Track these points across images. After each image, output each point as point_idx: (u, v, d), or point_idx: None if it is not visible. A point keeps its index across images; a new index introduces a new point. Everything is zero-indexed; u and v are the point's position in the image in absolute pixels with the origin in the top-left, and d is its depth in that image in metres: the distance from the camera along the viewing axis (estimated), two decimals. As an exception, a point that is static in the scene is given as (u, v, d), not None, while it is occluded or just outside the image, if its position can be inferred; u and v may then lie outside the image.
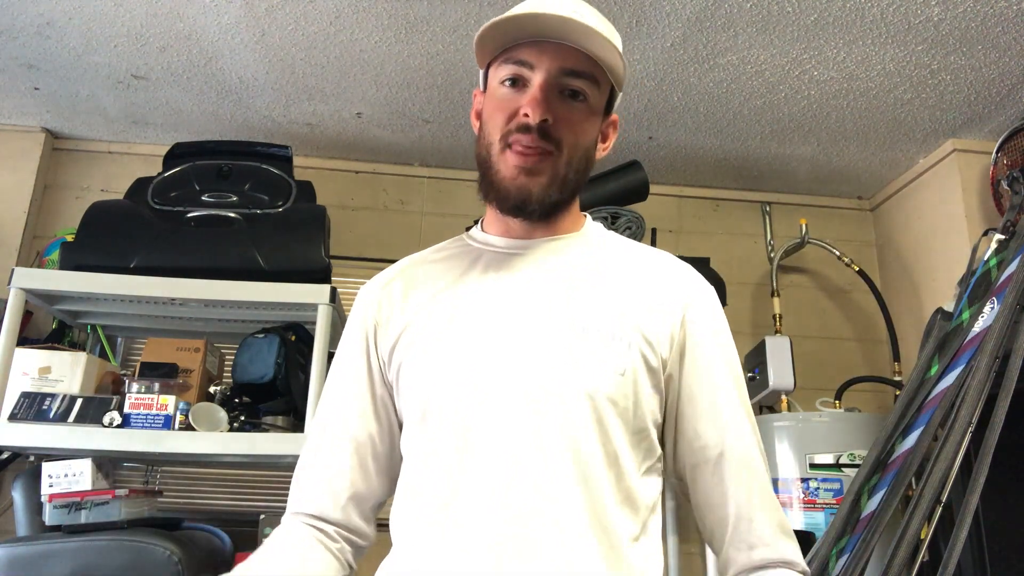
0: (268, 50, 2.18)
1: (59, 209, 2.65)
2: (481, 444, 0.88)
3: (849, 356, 2.84)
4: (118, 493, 1.86)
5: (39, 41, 2.16)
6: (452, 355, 0.93)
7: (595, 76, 0.94)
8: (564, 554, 0.84)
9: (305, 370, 2.02)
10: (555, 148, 0.93)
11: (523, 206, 0.95)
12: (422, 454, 0.93)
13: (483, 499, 0.86)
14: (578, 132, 0.94)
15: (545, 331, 0.92)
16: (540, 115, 0.91)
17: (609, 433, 0.89)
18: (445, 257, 1.05)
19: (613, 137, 1.04)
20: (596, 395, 0.89)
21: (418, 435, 0.95)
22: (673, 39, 2.07)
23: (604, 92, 0.97)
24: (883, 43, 2.05)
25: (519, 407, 0.88)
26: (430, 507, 0.90)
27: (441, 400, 0.92)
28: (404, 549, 0.91)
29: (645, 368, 0.92)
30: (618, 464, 0.89)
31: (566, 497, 0.85)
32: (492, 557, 0.84)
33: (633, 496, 0.90)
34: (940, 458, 1.83)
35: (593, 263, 0.99)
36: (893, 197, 2.89)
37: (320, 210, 2.22)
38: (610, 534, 0.86)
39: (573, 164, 0.95)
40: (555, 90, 0.93)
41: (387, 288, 1.04)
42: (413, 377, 0.96)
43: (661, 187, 2.88)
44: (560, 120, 0.92)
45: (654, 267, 1.01)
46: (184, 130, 2.63)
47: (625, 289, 0.96)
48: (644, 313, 0.94)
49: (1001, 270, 2.03)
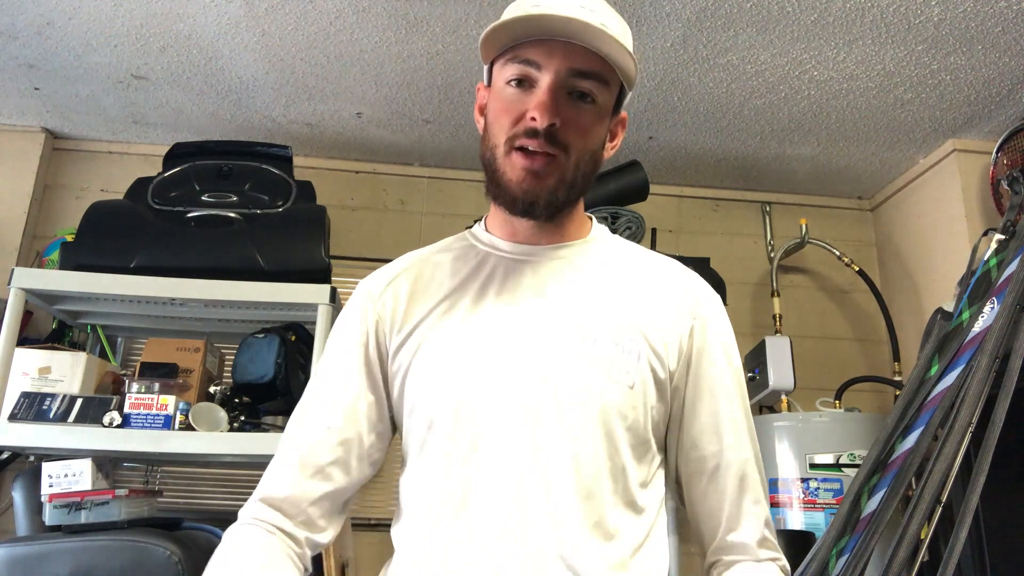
0: (268, 50, 2.18)
1: (59, 209, 2.65)
2: (489, 457, 0.88)
3: (849, 356, 2.84)
4: (118, 493, 1.86)
5: (39, 41, 2.16)
6: (461, 365, 0.92)
7: (604, 76, 0.92)
8: (563, 565, 0.84)
9: (305, 370, 2.02)
10: (562, 152, 0.91)
11: (531, 209, 0.94)
12: (429, 465, 0.93)
13: (489, 513, 0.86)
14: (586, 135, 0.93)
15: (555, 343, 0.91)
16: (548, 119, 0.88)
17: (617, 446, 0.89)
18: (451, 258, 1.03)
19: (621, 135, 1.03)
20: (607, 409, 0.89)
21: (424, 444, 0.93)
22: (673, 39, 2.07)
23: (613, 91, 0.95)
24: (883, 43, 2.05)
25: (527, 420, 0.88)
26: (438, 519, 0.89)
27: (450, 411, 0.91)
28: (409, 558, 0.91)
29: (653, 380, 0.93)
30: (624, 476, 0.90)
31: (568, 511, 0.86)
32: (497, 569, 0.84)
33: (636, 504, 0.91)
34: (940, 458, 1.83)
35: (601, 272, 0.99)
36: (893, 197, 2.89)
37: (320, 210, 2.22)
38: (613, 543, 0.87)
39: (581, 167, 0.93)
40: (563, 91, 0.91)
41: (392, 285, 1.01)
42: (419, 384, 0.94)
43: (661, 187, 2.88)
44: (568, 123, 0.90)
45: (663, 277, 1.00)
46: (184, 130, 2.63)
47: (634, 300, 0.96)
48: (653, 324, 0.94)
49: (1001, 270, 2.03)
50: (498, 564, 0.84)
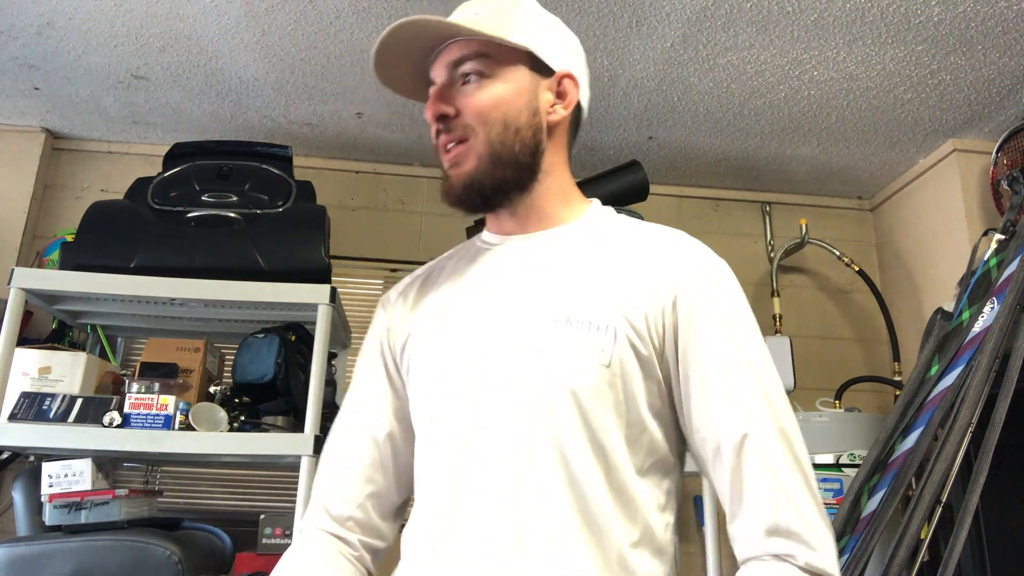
0: (268, 50, 2.18)
1: (59, 209, 2.65)
2: (473, 446, 0.88)
3: (849, 356, 2.84)
4: (118, 493, 1.86)
5: (39, 41, 2.16)
6: (442, 358, 0.94)
7: (480, 52, 0.94)
8: (555, 559, 0.82)
9: (305, 370, 2.02)
10: (467, 133, 0.94)
11: (463, 197, 0.95)
12: (422, 461, 0.95)
13: (478, 505, 0.86)
14: (483, 107, 0.93)
15: (526, 326, 0.90)
16: (431, 111, 0.94)
17: (595, 427, 0.84)
18: (457, 260, 1.06)
19: (573, 92, 0.99)
20: (579, 389, 0.85)
21: (420, 440, 0.96)
22: (673, 39, 2.07)
23: (508, 60, 0.95)
24: (883, 43, 2.05)
25: (505, 407, 0.87)
26: (431, 515, 0.90)
27: (436, 405, 0.93)
28: (407, 560, 0.92)
29: (634, 356, 0.87)
30: (607, 459, 0.84)
31: (553, 497, 0.83)
32: (487, 564, 0.83)
33: (630, 495, 0.85)
34: (940, 458, 1.83)
35: (585, 253, 0.95)
36: (893, 197, 2.89)
37: (320, 210, 2.22)
38: (602, 537, 0.82)
39: (494, 138, 0.93)
40: (454, 85, 0.96)
41: (403, 292, 1.07)
42: (414, 382, 0.98)
43: (661, 187, 2.88)
44: (461, 107, 0.94)
45: (649, 249, 0.94)
46: (184, 130, 2.62)
47: (613, 275, 0.91)
48: (631, 298, 0.89)
49: (1001, 270, 2.03)
50: (487, 558, 0.83)
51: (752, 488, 0.82)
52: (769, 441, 0.83)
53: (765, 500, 0.81)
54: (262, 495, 2.47)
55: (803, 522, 0.80)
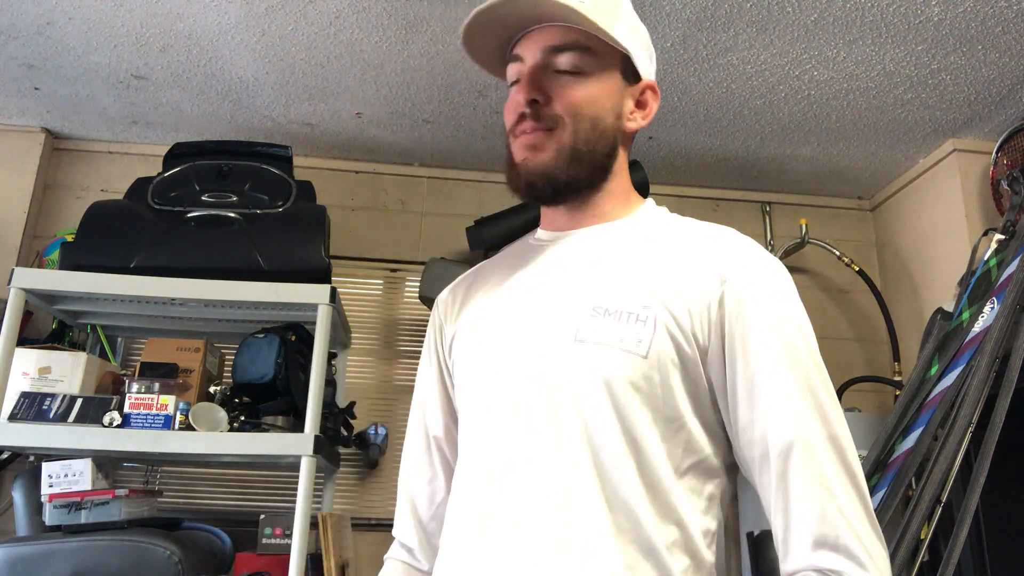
0: (268, 50, 2.18)
1: (59, 209, 2.65)
2: (507, 443, 0.88)
3: (849, 356, 2.84)
4: (118, 493, 1.86)
5: (39, 41, 2.16)
6: (483, 355, 0.95)
7: (582, 44, 0.92)
8: (583, 556, 0.79)
9: (305, 370, 2.02)
10: (555, 124, 0.92)
11: (535, 185, 0.94)
12: (461, 462, 0.95)
13: (512, 495, 0.85)
14: (577, 103, 0.92)
15: (566, 317, 0.89)
16: (527, 95, 0.92)
17: (631, 420, 0.82)
18: (507, 257, 1.06)
19: (654, 104, 1.01)
20: (613, 380, 0.82)
21: (463, 436, 0.97)
22: (673, 39, 2.07)
23: (607, 60, 0.94)
24: (883, 43, 2.05)
25: (541, 402, 0.86)
26: (467, 518, 0.89)
27: (478, 401, 0.94)
28: (443, 562, 0.91)
29: (675, 350, 0.84)
30: (640, 453, 0.81)
31: (584, 491, 0.81)
32: (518, 558, 0.82)
33: (665, 495, 0.82)
34: (940, 458, 1.83)
35: (628, 245, 0.93)
36: (893, 197, 2.89)
37: (320, 210, 2.22)
38: (634, 534, 0.80)
39: (580, 135, 0.92)
40: (547, 71, 0.93)
41: (453, 291, 1.08)
42: (459, 380, 0.99)
43: (661, 187, 2.88)
44: (554, 97, 0.92)
45: (696, 243, 0.91)
46: (184, 130, 2.62)
47: (658, 268, 0.89)
48: (675, 292, 0.86)
49: (1001, 270, 2.03)
50: (519, 552, 0.82)
51: (799, 497, 0.77)
52: (819, 448, 0.78)
53: (813, 510, 0.76)
54: (262, 495, 2.47)
55: (854, 535, 0.75)
